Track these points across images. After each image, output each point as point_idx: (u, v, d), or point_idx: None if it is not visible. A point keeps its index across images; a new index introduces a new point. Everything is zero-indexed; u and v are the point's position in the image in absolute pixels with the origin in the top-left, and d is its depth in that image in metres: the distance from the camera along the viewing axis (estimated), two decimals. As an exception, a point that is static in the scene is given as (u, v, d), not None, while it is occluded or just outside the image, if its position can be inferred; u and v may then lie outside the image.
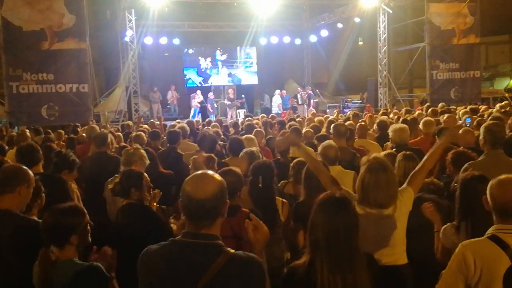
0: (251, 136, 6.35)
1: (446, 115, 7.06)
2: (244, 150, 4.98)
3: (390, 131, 5.79)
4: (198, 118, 16.24)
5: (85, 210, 2.82)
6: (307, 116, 12.91)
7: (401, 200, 3.06)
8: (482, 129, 4.39)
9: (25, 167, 3.16)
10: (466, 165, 4.01)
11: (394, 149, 5.46)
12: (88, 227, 2.76)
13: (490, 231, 2.50)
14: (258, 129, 7.64)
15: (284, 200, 3.95)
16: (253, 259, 2.08)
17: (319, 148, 4.88)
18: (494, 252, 2.37)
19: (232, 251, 2.06)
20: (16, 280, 2.77)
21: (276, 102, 20.93)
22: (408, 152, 4.27)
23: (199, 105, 19.53)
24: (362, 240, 2.34)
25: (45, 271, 2.56)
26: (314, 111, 16.59)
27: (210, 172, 2.19)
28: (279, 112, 19.66)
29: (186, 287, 2.02)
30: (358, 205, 2.95)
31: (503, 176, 2.57)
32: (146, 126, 9.82)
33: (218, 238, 2.11)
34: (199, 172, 2.19)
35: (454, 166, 4.31)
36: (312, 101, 20.84)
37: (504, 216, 2.49)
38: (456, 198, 3.10)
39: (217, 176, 2.16)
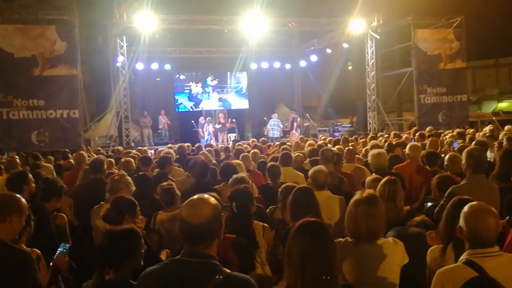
0: (238, 161, 6.39)
1: (428, 140, 7.16)
2: (234, 176, 5.02)
3: (368, 156, 5.85)
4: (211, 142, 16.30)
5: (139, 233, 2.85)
6: (291, 140, 13.00)
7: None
8: (464, 154, 4.47)
9: (18, 195, 3.13)
10: (450, 189, 4.08)
11: (372, 174, 5.53)
12: (142, 251, 2.79)
13: (464, 256, 2.56)
14: (245, 153, 7.68)
15: (265, 224, 3.97)
16: (249, 280, 2.15)
17: (310, 172, 4.93)
18: (470, 277, 2.38)
19: (228, 271, 2.12)
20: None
21: (279, 126, 20.77)
22: (392, 178, 4.30)
23: (212, 131, 19.53)
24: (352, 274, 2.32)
25: None
26: (297, 134, 16.65)
27: (205, 196, 2.26)
28: (278, 136, 19.69)
29: None
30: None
31: (475, 204, 2.63)
32: (135, 151, 9.83)
33: (215, 258, 2.18)
34: (195, 197, 2.25)
35: (439, 190, 4.38)
36: (295, 124, 20.91)
37: (477, 243, 2.54)
38: (443, 221, 3.11)
39: (212, 199, 2.23)
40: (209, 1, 19.39)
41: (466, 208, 2.63)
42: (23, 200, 3.10)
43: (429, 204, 4.54)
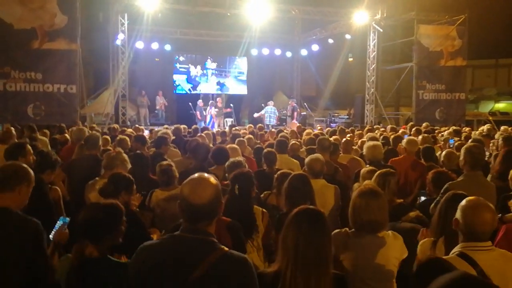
0: (234, 145, 6.37)
1: (420, 136, 7.19)
2: (231, 159, 5.02)
3: (364, 148, 5.87)
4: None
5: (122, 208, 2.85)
6: (290, 128, 13.00)
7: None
8: (462, 150, 4.48)
9: (26, 165, 3.16)
10: (446, 185, 4.10)
11: (367, 165, 5.55)
12: (123, 227, 2.79)
13: (457, 248, 2.59)
14: (241, 138, 7.67)
15: (264, 210, 3.98)
16: (246, 258, 2.18)
17: (306, 160, 4.94)
18: (463, 269, 2.41)
19: (226, 249, 2.15)
20: (15, 278, 2.78)
21: (275, 113, 20.67)
22: (385, 170, 4.32)
23: (214, 114, 19.43)
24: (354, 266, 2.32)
25: (79, 266, 2.60)
26: (297, 124, 16.66)
27: (205, 175, 2.27)
28: (274, 123, 19.65)
29: (178, 279, 2.08)
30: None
31: (473, 199, 2.66)
32: (130, 130, 9.79)
33: (214, 236, 2.20)
34: (196, 176, 2.26)
35: (434, 186, 4.41)
36: (295, 113, 20.91)
37: (471, 237, 2.58)
38: (436, 214, 3.14)
39: (212, 179, 2.25)
40: (214, -17, 19.21)
41: (464, 201, 2.66)
42: (30, 170, 3.13)
43: (423, 198, 4.57)
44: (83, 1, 15.39)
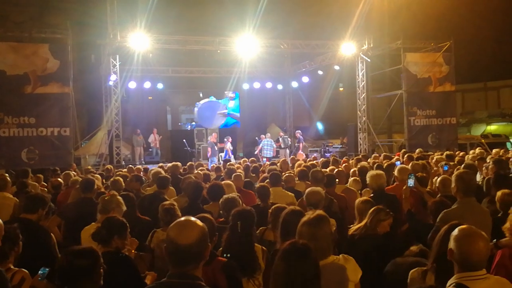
0: (229, 182, 6.37)
1: (411, 162, 7.25)
2: (224, 196, 5.02)
3: (367, 177, 5.91)
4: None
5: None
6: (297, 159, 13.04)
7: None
8: (454, 177, 4.49)
9: None
10: (442, 214, 4.11)
11: (372, 195, 5.58)
12: (101, 270, 2.78)
13: (453, 280, 2.58)
14: (237, 173, 7.69)
15: (263, 247, 3.96)
16: None
17: (306, 193, 4.95)
18: None
19: None
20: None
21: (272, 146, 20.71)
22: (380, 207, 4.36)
23: (231, 149, 19.48)
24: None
25: None
26: (303, 154, 16.71)
27: (192, 218, 2.30)
28: (271, 155, 19.69)
29: None
30: None
31: (465, 228, 2.66)
32: (125, 170, 9.79)
33: (201, 280, 2.21)
34: (182, 218, 2.30)
35: (434, 216, 4.43)
36: (301, 144, 20.98)
37: (466, 267, 2.58)
38: (433, 245, 3.13)
39: (198, 222, 2.27)
40: (202, 22, 19.62)
41: (456, 231, 2.66)
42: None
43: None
44: (75, 44, 15.64)
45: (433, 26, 23.08)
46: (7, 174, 7.78)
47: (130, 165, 12.96)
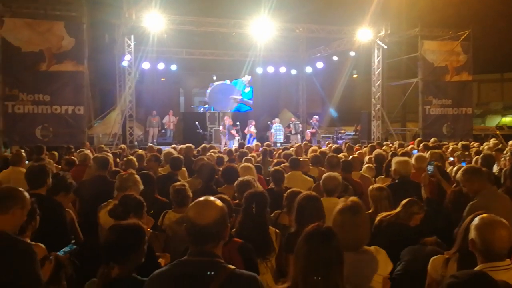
0: (248, 164, 6.28)
1: (428, 152, 7.12)
2: (239, 178, 4.99)
3: (393, 163, 5.78)
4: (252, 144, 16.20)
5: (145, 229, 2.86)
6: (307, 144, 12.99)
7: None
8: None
9: (20, 188, 3.17)
10: (468, 207, 4.02)
11: (396, 181, 5.50)
12: (145, 247, 2.80)
13: (477, 269, 2.52)
14: (249, 157, 7.65)
15: (277, 230, 3.94)
16: (255, 277, 2.21)
17: (323, 178, 4.92)
18: None
19: (233, 267, 2.17)
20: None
21: (282, 131, 20.76)
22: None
23: (255, 132, 19.45)
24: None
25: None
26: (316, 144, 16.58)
27: (211, 198, 2.31)
28: (281, 140, 19.65)
29: None
30: None
31: (486, 216, 2.61)
32: (141, 151, 9.78)
33: (220, 257, 2.23)
34: (202, 198, 2.29)
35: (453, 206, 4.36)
36: (314, 131, 20.90)
37: (489, 257, 2.53)
38: (458, 234, 3.06)
39: (218, 201, 2.28)
40: (218, 4, 19.50)
41: (477, 220, 2.61)
42: (26, 193, 3.14)
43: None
44: (90, 23, 15.65)
45: (452, 13, 22.63)
46: (22, 150, 7.83)
47: (151, 144, 12.98)
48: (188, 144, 9.89)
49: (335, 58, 22.39)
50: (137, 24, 16.04)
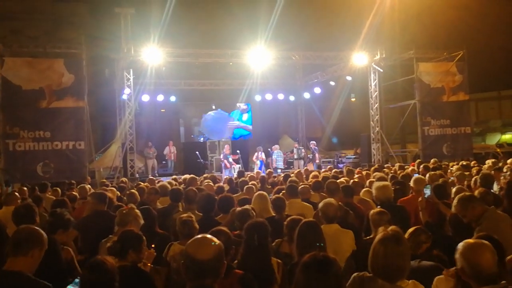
0: (263, 193, 6.10)
1: (428, 173, 7.14)
2: (238, 209, 5.01)
3: (373, 189, 5.80)
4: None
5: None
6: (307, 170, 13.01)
7: None
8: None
9: (39, 229, 3.20)
10: (475, 235, 4.02)
11: (378, 207, 5.48)
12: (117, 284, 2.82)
13: None
14: (250, 185, 7.67)
15: (279, 260, 3.92)
16: None
17: (320, 205, 4.91)
18: None
19: None
20: None
21: (282, 157, 20.71)
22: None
23: (264, 159, 19.45)
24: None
25: None
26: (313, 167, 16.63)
27: (209, 235, 2.36)
28: (282, 167, 19.65)
29: None
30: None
31: (468, 241, 2.61)
32: (142, 184, 9.81)
33: None
34: (199, 236, 2.35)
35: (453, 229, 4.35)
36: (316, 155, 20.87)
37: (481, 281, 2.51)
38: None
39: (215, 239, 2.34)
40: (215, 35, 19.84)
41: (460, 247, 2.58)
42: (44, 234, 3.17)
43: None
44: (90, 58, 15.87)
45: (444, 35, 23.01)
46: (25, 188, 7.87)
47: (151, 177, 13.01)
48: (192, 175, 9.89)
49: (332, 83, 22.58)
50: (135, 58, 16.29)
